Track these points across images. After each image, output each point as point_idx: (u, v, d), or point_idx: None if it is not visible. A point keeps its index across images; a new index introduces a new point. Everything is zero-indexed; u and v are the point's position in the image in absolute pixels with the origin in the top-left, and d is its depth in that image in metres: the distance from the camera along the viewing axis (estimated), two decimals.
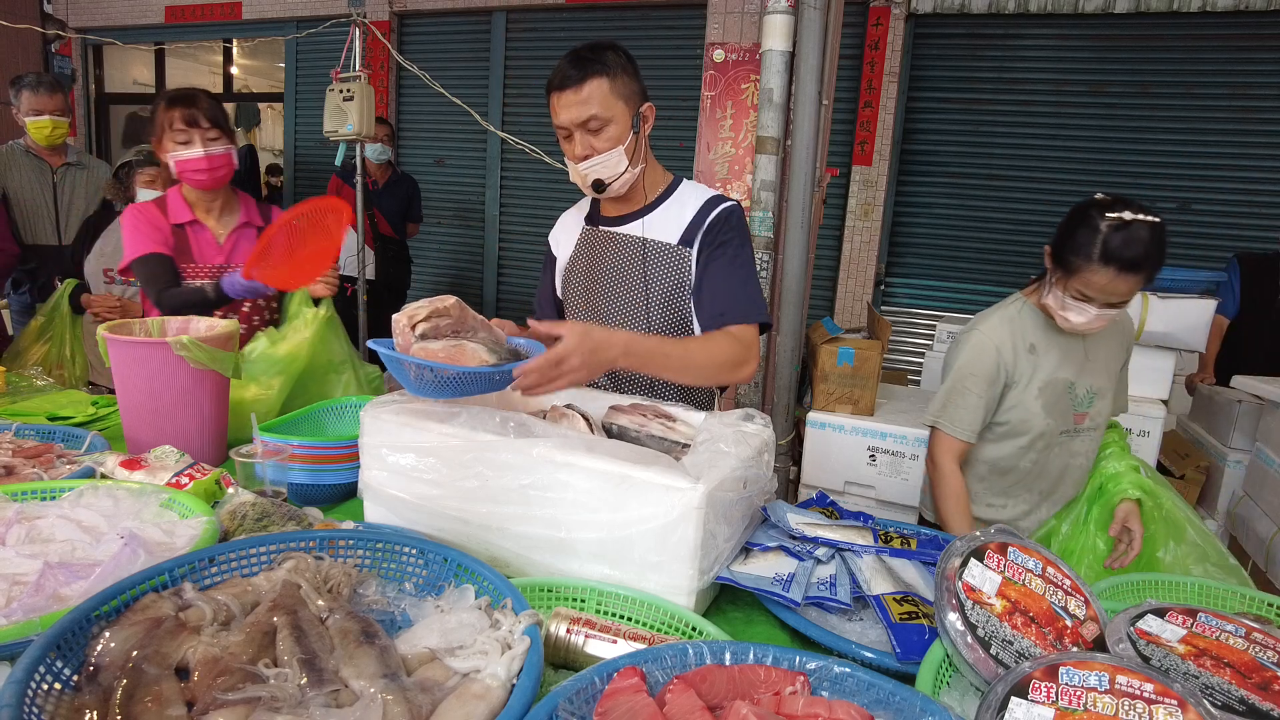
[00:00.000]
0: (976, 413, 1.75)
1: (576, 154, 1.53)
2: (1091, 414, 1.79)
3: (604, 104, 1.49)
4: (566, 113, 1.50)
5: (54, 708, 0.71)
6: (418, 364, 1.15)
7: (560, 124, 1.53)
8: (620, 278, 1.66)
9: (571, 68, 1.48)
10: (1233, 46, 4.09)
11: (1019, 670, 0.81)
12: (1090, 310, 1.61)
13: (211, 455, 1.59)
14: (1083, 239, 1.57)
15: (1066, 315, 1.65)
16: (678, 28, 5.15)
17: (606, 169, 1.54)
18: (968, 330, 1.82)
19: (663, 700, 0.79)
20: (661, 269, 1.62)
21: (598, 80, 1.48)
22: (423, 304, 1.20)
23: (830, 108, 2.75)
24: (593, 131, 1.51)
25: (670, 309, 1.63)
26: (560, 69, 1.50)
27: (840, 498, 2.85)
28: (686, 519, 1.03)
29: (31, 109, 3.06)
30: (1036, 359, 1.76)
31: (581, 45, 1.52)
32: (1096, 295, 1.59)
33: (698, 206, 1.62)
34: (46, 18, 6.77)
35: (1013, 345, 1.75)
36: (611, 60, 1.50)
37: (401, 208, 4.80)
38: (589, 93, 1.48)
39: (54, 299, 2.65)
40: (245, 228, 2.13)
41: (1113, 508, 1.76)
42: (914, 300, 4.94)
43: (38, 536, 1.06)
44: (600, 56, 1.49)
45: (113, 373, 1.55)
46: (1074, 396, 1.77)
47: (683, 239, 1.62)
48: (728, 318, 1.54)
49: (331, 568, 0.97)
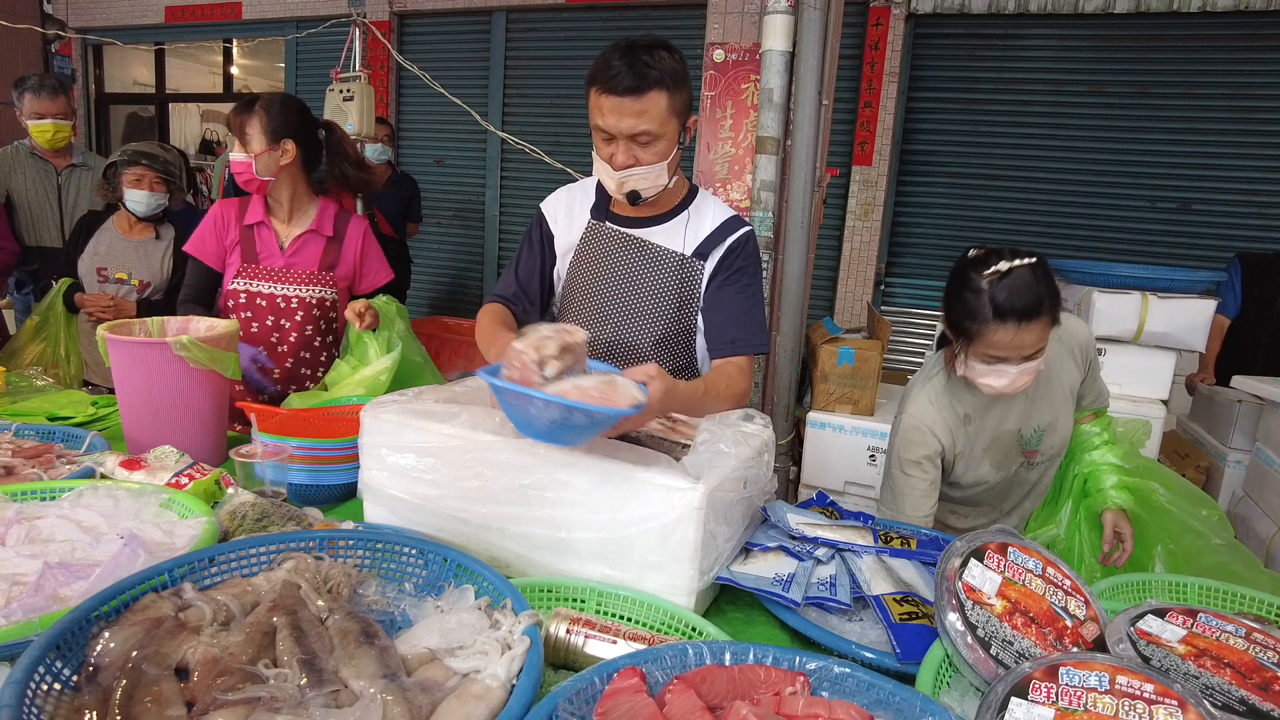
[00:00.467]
0: (929, 495, 1.72)
1: (618, 162, 1.45)
2: (1043, 448, 1.76)
3: (660, 120, 1.41)
4: (617, 120, 1.40)
5: (53, 708, 0.71)
6: (569, 406, 0.99)
7: (604, 127, 1.43)
8: (631, 283, 1.61)
9: (630, 74, 1.36)
10: (1233, 46, 4.09)
11: (1019, 670, 0.81)
12: (1010, 370, 1.52)
13: (211, 456, 1.59)
14: (971, 303, 1.50)
15: (988, 383, 1.56)
16: (678, 28, 5.15)
17: (646, 181, 1.48)
18: (899, 412, 1.77)
19: (662, 700, 0.79)
20: (674, 279, 1.59)
21: (658, 94, 1.39)
22: (548, 337, 1.07)
23: (830, 108, 2.75)
24: (641, 144, 1.43)
25: (679, 320, 1.61)
26: (615, 69, 1.37)
27: (840, 498, 2.85)
28: (687, 519, 1.03)
29: (34, 112, 3.06)
30: (974, 426, 1.70)
31: (636, 40, 1.39)
32: (1009, 353, 1.50)
33: (716, 224, 1.59)
34: (46, 18, 6.77)
35: (945, 424, 1.70)
36: (671, 69, 1.39)
37: (401, 208, 4.80)
38: (647, 106, 1.39)
39: (49, 299, 2.65)
40: (312, 235, 2.13)
41: (1098, 509, 1.75)
42: (914, 300, 4.94)
43: (37, 537, 1.06)
44: (659, 63, 1.38)
45: (113, 373, 1.55)
46: (1022, 440, 1.73)
47: (696, 252, 1.59)
48: (738, 346, 1.55)
49: (331, 568, 0.97)
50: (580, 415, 0.99)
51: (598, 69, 1.40)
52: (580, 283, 1.66)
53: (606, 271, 1.63)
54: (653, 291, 1.61)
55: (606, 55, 1.39)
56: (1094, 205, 4.45)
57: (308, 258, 2.13)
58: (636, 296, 1.62)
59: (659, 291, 1.60)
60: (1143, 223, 4.38)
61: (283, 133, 2.03)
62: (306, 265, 2.13)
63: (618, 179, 1.47)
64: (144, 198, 2.63)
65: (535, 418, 1.01)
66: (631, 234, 1.62)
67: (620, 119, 1.40)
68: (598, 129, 1.45)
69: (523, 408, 1.02)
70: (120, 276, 2.69)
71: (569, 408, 0.98)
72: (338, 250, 2.16)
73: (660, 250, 1.60)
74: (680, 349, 1.66)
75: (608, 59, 1.39)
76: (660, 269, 1.60)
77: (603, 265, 1.64)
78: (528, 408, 1.01)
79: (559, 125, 5.54)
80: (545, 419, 1.01)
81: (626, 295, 1.62)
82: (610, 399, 1.02)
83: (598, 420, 1.01)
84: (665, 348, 1.63)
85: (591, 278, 1.65)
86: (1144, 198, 4.36)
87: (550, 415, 1.00)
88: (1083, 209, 4.48)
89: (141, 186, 2.62)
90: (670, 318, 1.61)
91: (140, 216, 2.67)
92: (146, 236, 2.75)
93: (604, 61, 1.39)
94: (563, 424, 1.00)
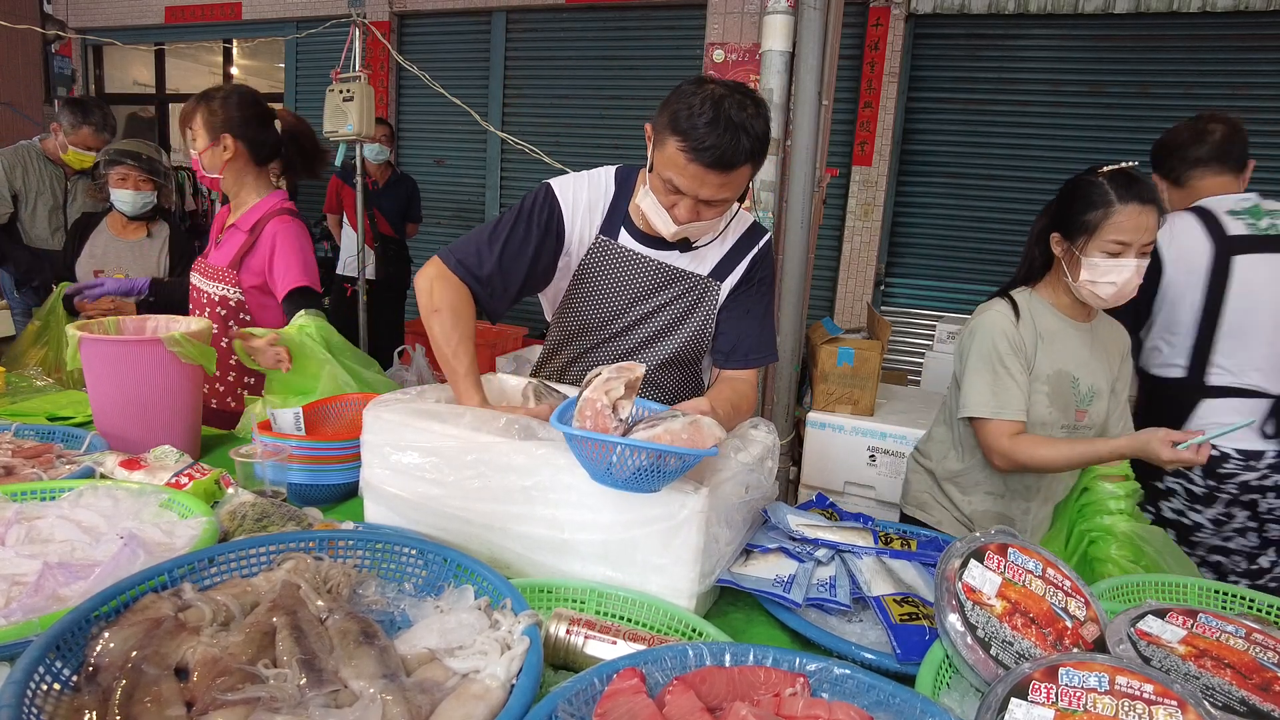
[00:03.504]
0: (1023, 389, 1.69)
1: (679, 216, 1.35)
2: (1091, 413, 1.77)
3: (740, 188, 1.35)
4: (695, 185, 1.30)
5: (53, 708, 0.71)
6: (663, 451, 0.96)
7: (678, 185, 1.31)
8: (643, 304, 1.54)
9: (729, 148, 1.25)
10: (1233, 46, 4.09)
11: (1019, 671, 0.81)
12: (1128, 264, 1.58)
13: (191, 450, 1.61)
14: (1093, 194, 1.60)
15: (1109, 281, 1.60)
16: (678, 28, 5.16)
17: (702, 231, 1.44)
18: (977, 316, 1.78)
19: (662, 701, 0.79)
20: (689, 301, 1.54)
21: (746, 168, 1.31)
22: (613, 379, 1.04)
23: (830, 108, 2.75)
24: (711, 205, 1.35)
25: (692, 346, 1.57)
26: (710, 134, 1.24)
27: (840, 498, 2.85)
28: (689, 523, 1.03)
29: (84, 143, 3.11)
30: (1045, 347, 1.73)
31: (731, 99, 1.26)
32: (1132, 237, 1.56)
33: (737, 237, 1.54)
34: (46, 18, 6.78)
35: (1023, 329, 1.72)
36: (762, 135, 1.29)
37: (401, 208, 4.80)
38: (734, 179, 1.31)
39: (49, 302, 2.64)
40: (234, 230, 2.07)
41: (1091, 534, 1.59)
42: (914, 300, 4.94)
43: (37, 537, 1.06)
44: (753, 130, 1.27)
45: (88, 372, 1.56)
46: (1077, 392, 1.75)
47: (715, 271, 1.53)
48: (750, 359, 1.53)
49: (331, 568, 0.97)
50: (674, 460, 0.97)
51: (685, 124, 1.26)
52: (586, 299, 1.56)
53: (620, 293, 1.54)
54: (669, 314, 1.55)
55: (697, 110, 1.25)
56: None
57: (224, 254, 2.05)
58: (652, 319, 1.55)
59: (676, 314, 1.55)
60: None
61: (222, 128, 1.96)
62: (221, 261, 2.06)
63: (674, 231, 1.39)
64: (130, 197, 2.64)
65: (619, 465, 0.98)
66: (649, 256, 1.52)
67: (701, 186, 1.30)
68: (668, 180, 1.32)
69: (603, 456, 0.98)
70: (118, 276, 2.69)
71: (664, 453, 0.96)
72: (251, 247, 2.02)
73: (678, 272, 1.53)
74: (688, 369, 1.63)
75: (699, 116, 1.24)
76: (676, 291, 1.54)
77: (616, 286, 1.54)
78: (609, 456, 0.97)
79: (559, 125, 5.55)
80: (631, 465, 0.97)
81: (641, 318, 1.55)
82: (697, 440, 1.00)
83: (689, 463, 1.00)
84: (673, 369, 1.61)
85: (602, 297, 1.55)
86: None
87: (638, 461, 0.96)
88: None
89: (126, 186, 2.62)
90: (681, 341, 1.56)
91: (129, 216, 2.69)
92: (140, 236, 2.76)
93: (693, 118, 1.25)
94: (652, 470, 0.98)
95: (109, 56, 7.32)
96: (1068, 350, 1.74)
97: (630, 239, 1.52)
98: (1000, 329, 1.71)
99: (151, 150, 2.71)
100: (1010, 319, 1.72)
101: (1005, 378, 1.69)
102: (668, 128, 1.29)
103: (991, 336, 1.71)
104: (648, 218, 1.43)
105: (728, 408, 1.35)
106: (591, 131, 5.46)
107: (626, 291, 1.54)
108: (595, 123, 5.46)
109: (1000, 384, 1.69)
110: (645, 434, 0.99)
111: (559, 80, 5.51)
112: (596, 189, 1.53)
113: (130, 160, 2.62)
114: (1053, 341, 1.73)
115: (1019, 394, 1.68)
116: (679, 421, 1.01)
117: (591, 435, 0.98)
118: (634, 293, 1.54)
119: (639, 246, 1.52)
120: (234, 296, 2.03)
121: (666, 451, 0.96)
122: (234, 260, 2.01)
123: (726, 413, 1.32)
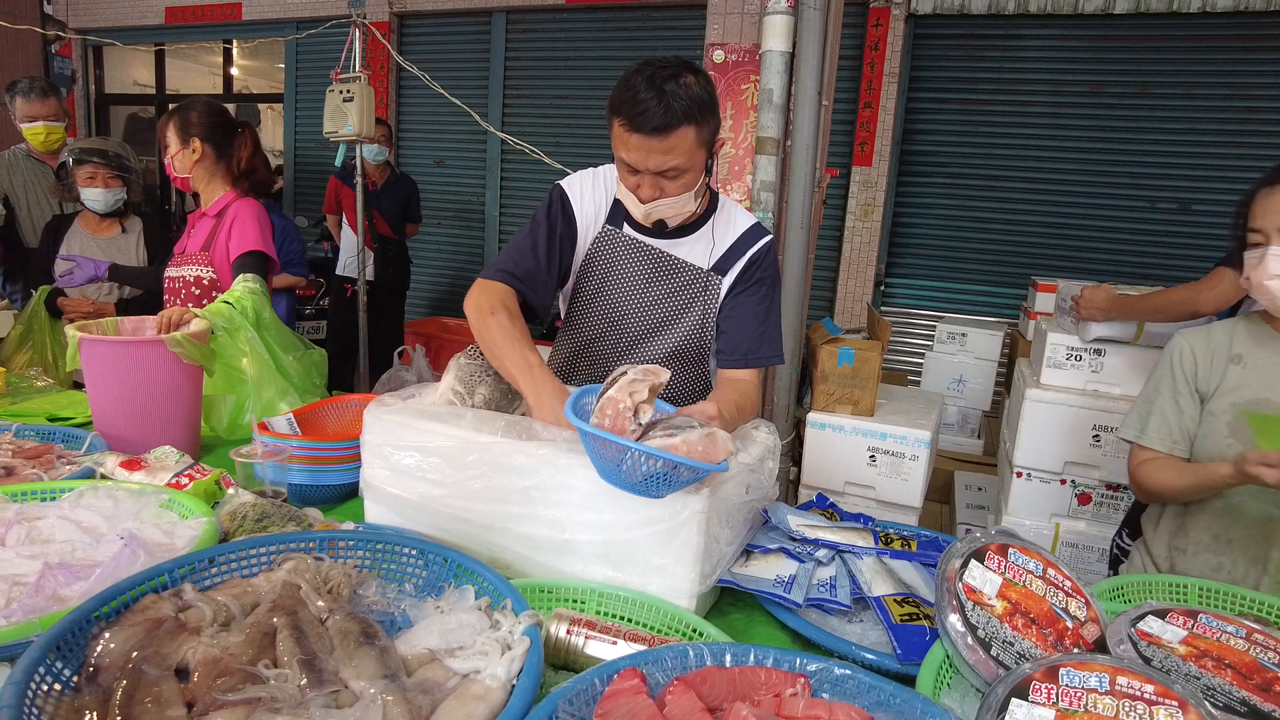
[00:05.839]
0: (1171, 419, 1.54)
1: (643, 195, 1.41)
2: None
3: (687, 154, 1.36)
4: (643, 158, 1.35)
5: (54, 708, 0.71)
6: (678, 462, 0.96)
7: (629, 162, 1.37)
8: (649, 294, 1.57)
9: (656, 111, 1.29)
10: (1232, 47, 4.09)
11: (1019, 671, 0.81)
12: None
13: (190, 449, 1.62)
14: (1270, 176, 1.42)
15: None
16: (677, 28, 5.16)
17: (673, 210, 1.45)
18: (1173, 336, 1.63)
19: (663, 702, 0.79)
20: (693, 293, 1.56)
21: (685, 130, 1.32)
22: (638, 380, 1.04)
23: (830, 108, 2.75)
24: (668, 178, 1.39)
25: (695, 338, 1.59)
26: (641, 102, 1.29)
27: (840, 498, 2.84)
28: (690, 523, 1.03)
29: (25, 115, 3.08)
30: (1240, 371, 1.50)
31: (660, 67, 1.31)
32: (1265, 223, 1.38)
33: (737, 235, 1.56)
34: (46, 18, 6.77)
35: (1209, 351, 1.54)
36: (698, 98, 1.32)
37: (400, 208, 4.80)
38: (674, 144, 1.33)
39: (30, 306, 2.63)
40: (203, 217, 2.24)
41: None
42: (914, 300, 4.94)
43: (38, 537, 1.06)
44: (686, 93, 1.30)
45: (84, 372, 1.57)
46: None
47: (716, 266, 1.55)
48: (751, 359, 1.54)
49: (331, 568, 0.97)
50: (686, 471, 0.98)
51: (621, 100, 1.32)
52: (593, 288, 1.60)
53: (623, 280, 1.58)
54: (672, 304, 1.57)
55: (630, 85, 1.31)
56: (1094, 205, 4.45)
57: (196, 239, 2.22)
58: (654, 308, 1.58)
59: (678, 305, 1.57)
60: (1142, 223, 4.39)
61: (192, 133, 2.15)
62: (194, 247, 2.21)
63: (644, 210, 1.43)
64: (100, 195, 2.65)
65: (631, 468, 0.98)
66: (651, 245, 1.56)
67: (647, 156, 1.35)
68: (622, 161, 1.40)
69: (615, 458, 0.98)
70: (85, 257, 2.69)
71: (679, 464, 0.96)
72: (217, 229, 2.20)
73: (680, 263, 1.56)
74: (695, 363, 1.64)
75: (632, 90, 1.31)
76: (680, 282, 1.56)
77: (619, 273, 1.58)
78: (622, 458, 0.97)
79: (559, 125, 5.55)
80: (644, 471, 0.97)
81: (644, 306, 1.58)
82: (711, 454, 1.00)
83: (700, 475, 1.01)
84: (680, 361, 1.61)
85: (606, 285, 1.59)
86: (1144, 198, 4.36)
87: (651, 469, 0.97)
88: (1082, 209, 4.48)
89: (95, 184, 2.63)
90: (687, 332, 1.58)
91: (100, 213, 2.70)
92: (114, 233, 2.76)
93: (628, 93, 1.31)
94: (662, 477, 0.98)
95: (109, 57, 7.32)
96: (1276, 371, 1.49)
97: (632, 229, 1.57)
98: (1169, 354, 1.58)
99: (117, 146, 2.72)
100: (1187, 344, 1.57)
101: (1154, 402, 1.58)
102: (611, 109, 1.36)
103: (1159, 363, 1.60)
104: (625, 205, 1.49)
105: (732, 409, 1.35)
106: (591, 131, 5.46)
107: (631, 278, 1.58)
108: (595, 123, 5.45)
109: (1150, 409, 1.59)
110: (662, 442, 0.99)
111: (559, 80, 5.51)
112: (600, 183, 1.60)
113: (97, 158, 2.62)
114: (1256, 367, 1.50)
115: (1161, 422, 1.56)
116: (696, 433, 1.01)
117: (610, 437, 0.98)
118: (638, 279, 1.57)
119: (641, 235, 1.57)
120: (207, 276, 2.18)
121: (681, 463, 0.96)
122: (205, 243, 2.18)
123: (731, 415, 1.33)
